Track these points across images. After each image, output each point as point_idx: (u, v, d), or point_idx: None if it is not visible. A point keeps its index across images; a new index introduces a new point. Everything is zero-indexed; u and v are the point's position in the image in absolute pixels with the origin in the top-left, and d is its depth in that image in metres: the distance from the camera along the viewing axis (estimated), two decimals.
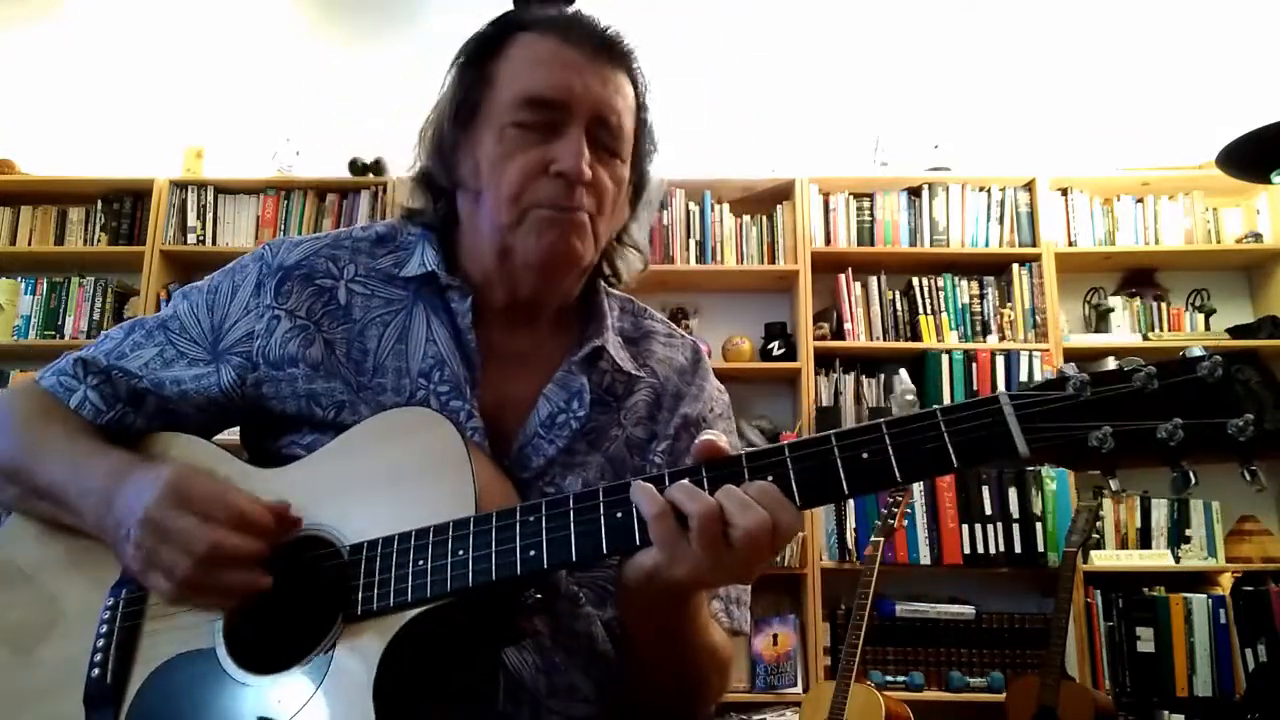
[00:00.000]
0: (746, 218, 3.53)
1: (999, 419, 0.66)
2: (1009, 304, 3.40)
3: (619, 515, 0.73)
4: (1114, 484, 0.67)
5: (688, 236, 3.50)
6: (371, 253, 1.00)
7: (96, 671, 0.84)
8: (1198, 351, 0.63)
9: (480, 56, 0.97)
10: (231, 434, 1.02)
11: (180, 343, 0.97)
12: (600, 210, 0.94)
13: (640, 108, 1.00)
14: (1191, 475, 0.63)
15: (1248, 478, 0.62)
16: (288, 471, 0.89)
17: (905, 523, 3.01)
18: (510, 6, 0.99)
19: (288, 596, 0.81)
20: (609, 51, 0.96)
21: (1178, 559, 3.17)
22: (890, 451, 0.68)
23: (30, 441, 0.92)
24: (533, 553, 0.74)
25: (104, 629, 0.86)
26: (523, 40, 0.95)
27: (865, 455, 0.69)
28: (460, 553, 0.76)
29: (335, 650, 0.77)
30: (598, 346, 0.98)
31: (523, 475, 0.92)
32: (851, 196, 3.52)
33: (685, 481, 0.72)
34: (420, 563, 0.76)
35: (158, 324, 0.98)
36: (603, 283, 1.06)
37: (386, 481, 0.83)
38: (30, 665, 0.88)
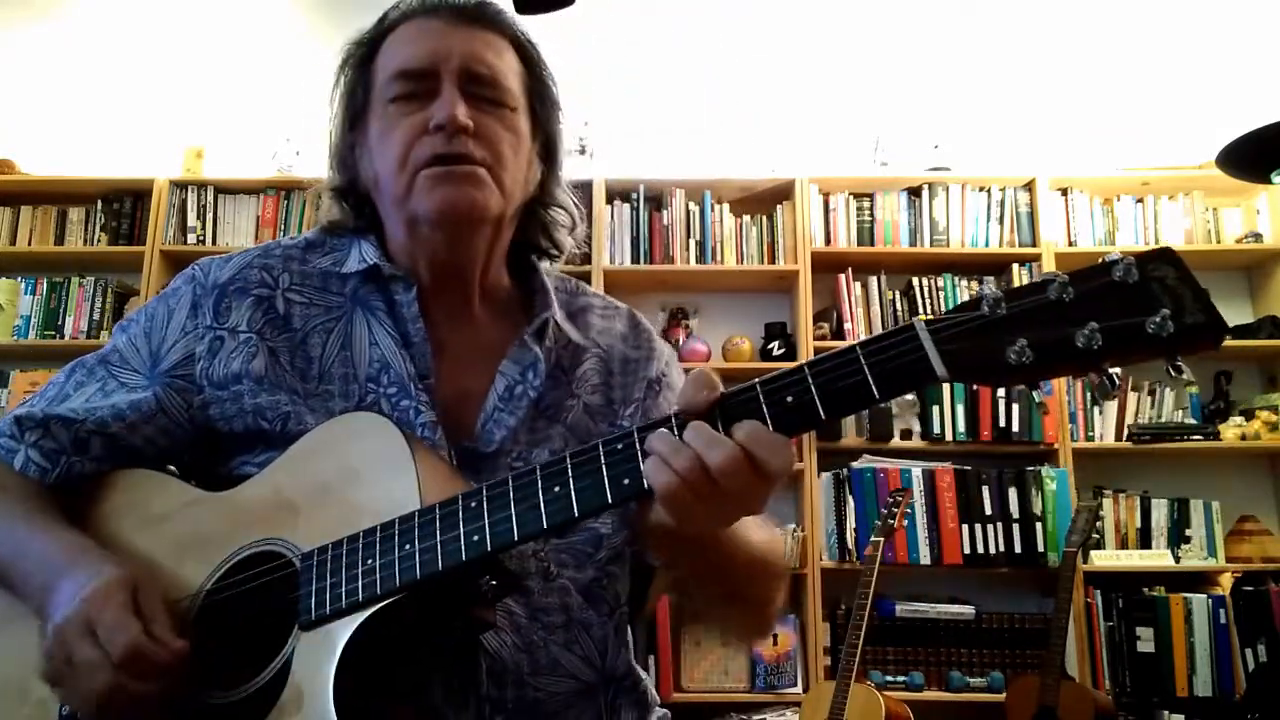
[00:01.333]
0: (746, 218, 3.53)
1: (915, 344, 0.65)
2: None
3: (557, 489, 0.73)
4: (1037, 394, 0.67)
5: (688, 236, 3.50)
6: (303, 259, 1.00)
7: (66, 709, 0.84)
8: (1114, 255, 0.62)
9: (361, 59, 1.00)
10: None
11: (121, 374, 0.96)
12: (498, 159, 0.94)
13: (530, 64, 1.01)
14: (1115, 378, 0.62)
15: (1173, 373, 0.61)
16: (239, 491, 0.89)
17: (905, 523, 3.01)
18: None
19: (246, 615, 0.81)
20: (475, 16, 0.98)
21: (1178, 559, 3.17)
22: (814, 391, 0.68)
23: None
24: (475, 537, 0.74)
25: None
26: (395, 32, 0.99)
27: (789, 399, 0.69)
28: (407, 546, 0.75)
29: (292, 659, 0.77)
30: (546, 319, 1.00)
31: (487, 451, 0.92)
32: (851, 196, 3.52)
33: (665, 434, 0.71)
34: (369, 561, 0.76)
35: (98, 360, 0.98)
36: (539, 261, 1.07)
37: (335, 488, 0.83)
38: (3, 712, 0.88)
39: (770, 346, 3.41)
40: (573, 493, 0.73)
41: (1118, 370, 0.63)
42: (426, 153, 0.91)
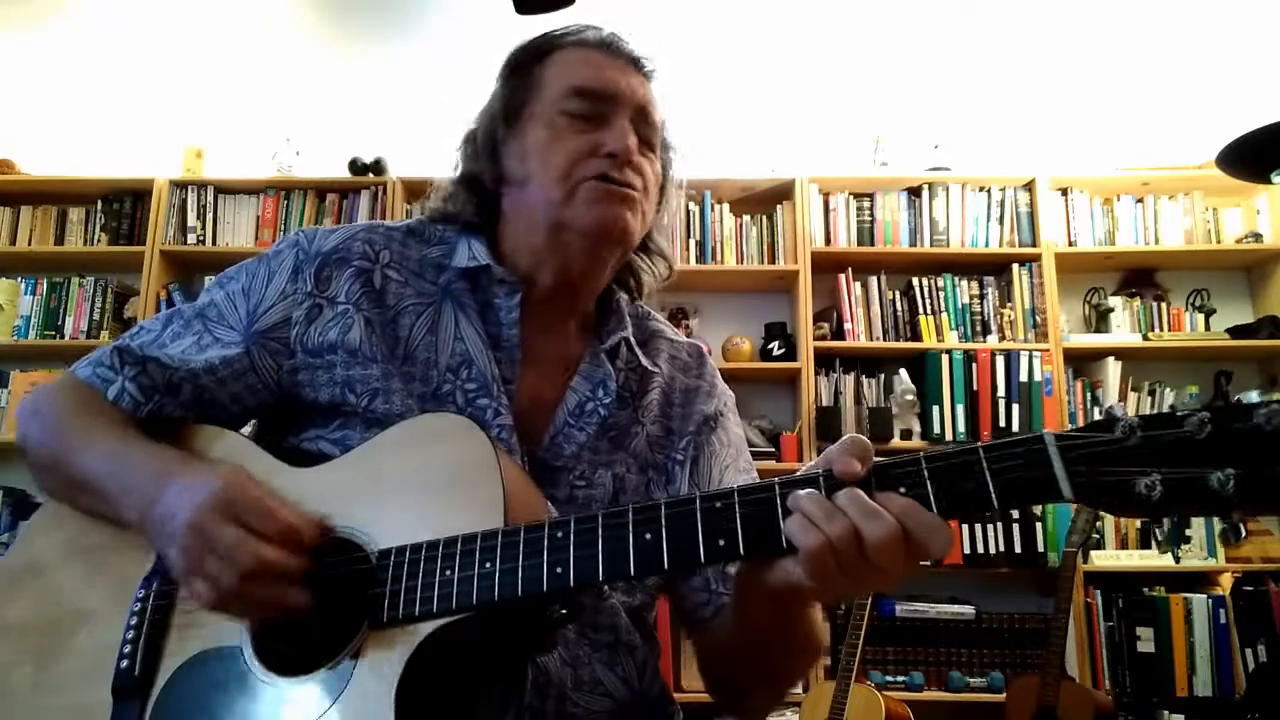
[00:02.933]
0: (746, 218, 3.53)
1: (1044, 460, 0.64)
2: (1009, 304, 3.40)
3: (648, 537, 0.72)
4: (1159, 532, 0.65)
5: (688, 236, 3.50)
6: (404, 242, 1.02)
7: (125, 663, 0.84)
8: (1254, 397, 0.61)
9: (526, 64, 1.02)
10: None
11: (217, 329, 0.97)
12: (647, 195, 0.99)
13: (663, 123, 1.06)
14: (1242, 528, 0.61)
15: None
16: (320, 472, 0.89)
17: None
18: (510, 9, 1.01)
19: (315, 598, 0.81)
20: (646, 69, 1.04)
21: (1178, 559, 3.17)
22: (929, 488, 0.67)
23: (70, 434, 0.92)
24: (559, 570, 0.73)
25: (134, 620, 0.86)
26: (566, 50, 1.02)
27: (902, 490, 0.67)
28: (487, 565, 0.75)
29: (359, 656, 0.77)
30: (621, 338, 1.03)
31: (555, 464, 0.95)
32: (851, 196, 3.52)
33: (816, 494, 0.68)
34: (447, 572, 0.76)
35: (195, 313, 1.00)
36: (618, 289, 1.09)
37: (417, 487, 0.83)
38: (61, 654, 0.88)
39: (770, 346, 3.41)
40: (664, 542, 0.72)
41: (1244, 519, 0.61)
42: (593, 171, 0.95)
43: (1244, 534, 0.61)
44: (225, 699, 0.79)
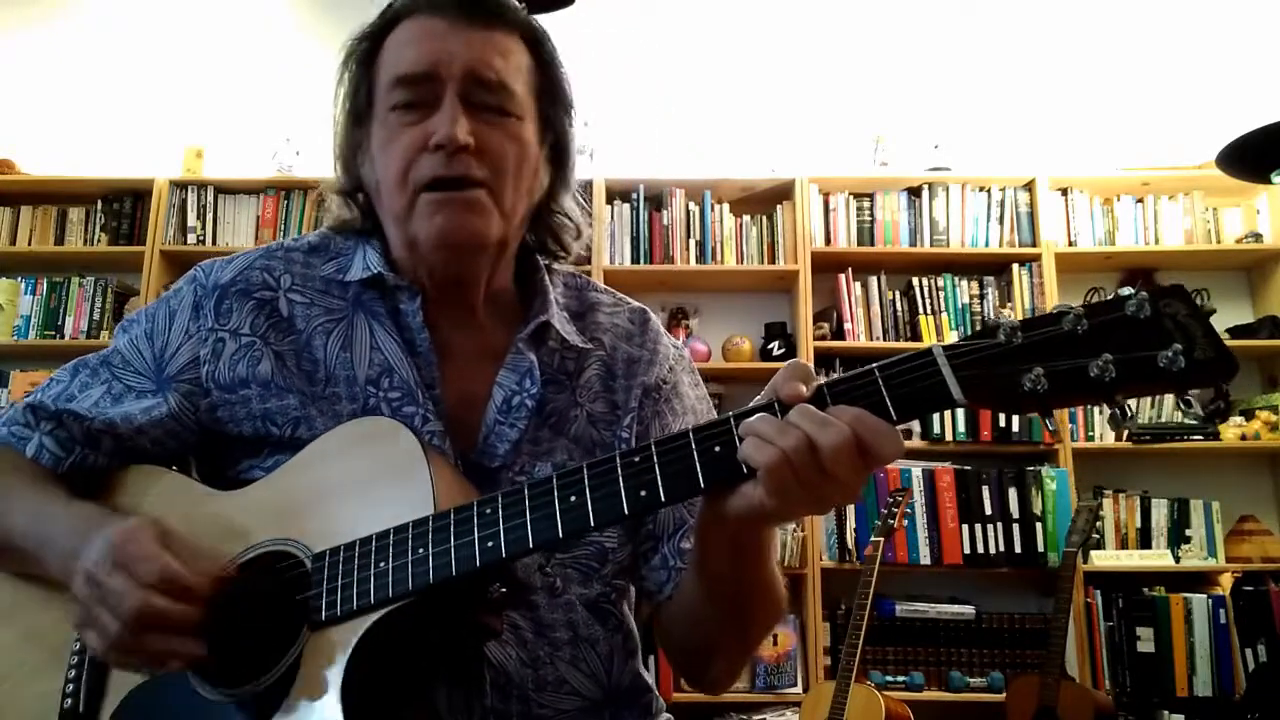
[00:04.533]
0: (746, 218, 3.53)
1: (933, 369, 0.67)
2: (1009, 304, 3.40)
3: (573, 499, 0.73)
4: (1050, 423, 0.67)
5: (688, 236, 3.49)
6: (306, 262, 0.98)
7: (69, 702, 0.84)
8: (1126, 291, 0.64)
9: (365, 54, 0.96)
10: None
11: (126, 377, 0.95)
12: (499, 176, 0.90)
13: (542, 64, 0.96)
14: (1128, 409, 0.64)
15: (1183, 406, 0.63)
16: (250, 490, 0.89)
17: (905, 523, 3.01)
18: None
19: (254, 611, 0.81)
20: (482, 11, 0.92)
21: (1178, 559, 3.17)
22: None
23: None
24: (490, 544, 0.74)
25: (74, 660, 0.86)
26: (398, 27, 0.94)
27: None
28: (420, 550, 0.75)
29: (302, 658, 0.77)
30: (543, 323, 0.97)
31: (491, 465, 0.91)
32: (851, 196, 3.52)
33: (767, 415, 0.70)
34: (381, 564, 0.76)
35: (100, 362, 0.97)
36: (543, 260, 1.04)
37: (347, 491, 0.83)
38: (6, 705, 0.88)
39: (770, 346, 3.41)
40: (589, 504, 0.73)
41: (1131, 402, 0.64)
42: (426, 173, 0.88)
43: (1130, 414, 0.62)
44: None
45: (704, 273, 3.49)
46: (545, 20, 1.01)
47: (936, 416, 3.28)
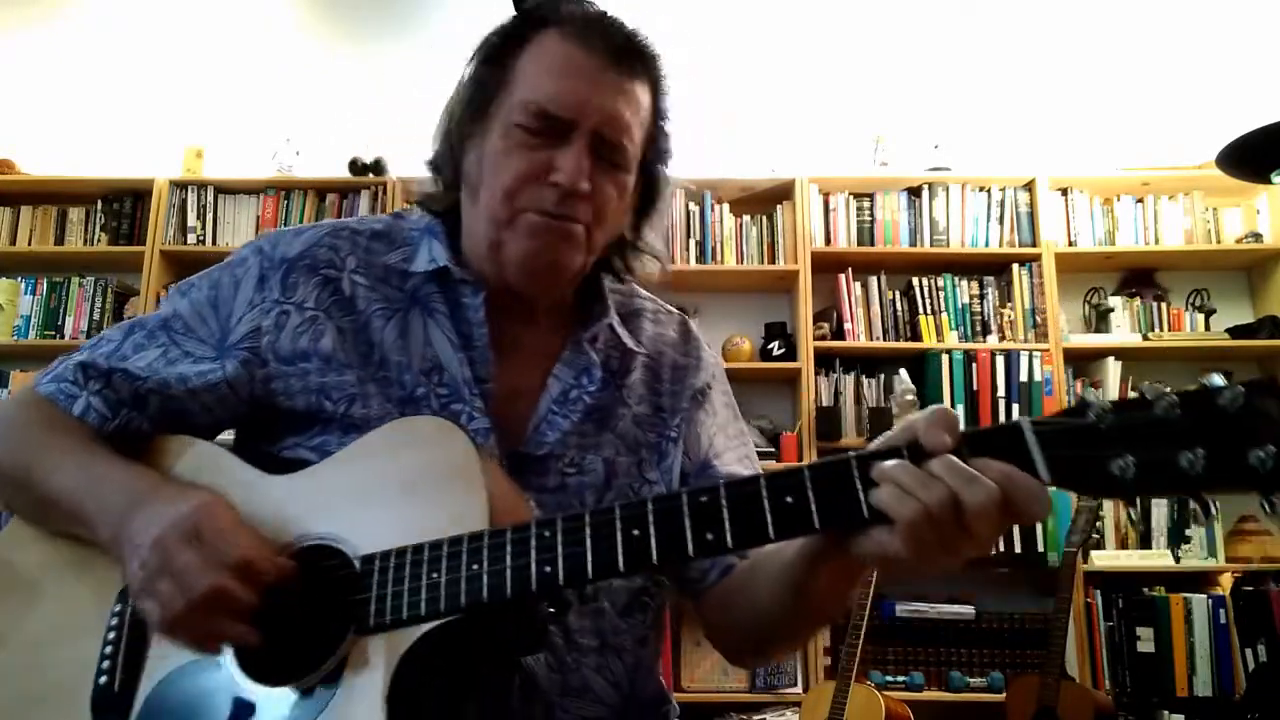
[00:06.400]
0: (746, 218, 3.53)
1: (1021, 446, 0.65)
2: (1009, 304, 3.40)
3: (635, 533, 0.72)
4: (1134, 512, 0.66)
5: (688, 236, 3.50)
6: (369, 248, 0.99)
7: (104, 679, 0.83)
8: (1218, 380, 0.62)
9: (501, 52, 0.96)
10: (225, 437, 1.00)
11: (185, 342, 0.95)
12: (599, 222, 0.94)
13: (657, 114, 0.99)
14: (1212, 505, 0.63)
15: (1267, 509, 0.61)
16: (298, 478, 0.87)
17: None
18: (510, 9, 0.98)
19: (298, 607, 0.80)
20: (628, 58, 0.94)
21: (1178, 559, 3.17)
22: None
23: (39, 451, 0.90)
24: (548, 569, 0.73)
25: (111, 635, 0.85)
26: (543, 40, 0.94)
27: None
28: (474, 566, 0.74)
29: (346, 663, 0.76)
30: (605, 324, 1.00)
31: (539, 453, 0.93)
32: (851, 196, 3.52)
33: (905, 464, 0.67)
34: (434, 575, 0.75)
35: (159, 324, 0.96)
36: (606, 276, 1.05)
37: (398, 492, 0.81)
38: (37, 670, 0.87)
39: (770, 346, 3.41)
40: (652, 539, 0.72)
41: (1214, 498, 0.63)
42: (537, 202, 0.91)
43: (1213, 511, 0.62)
44: (208, 713, 0.78)
45: (704, 273, 3.49)
46: None
47: None
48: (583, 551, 0.73)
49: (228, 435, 1.00)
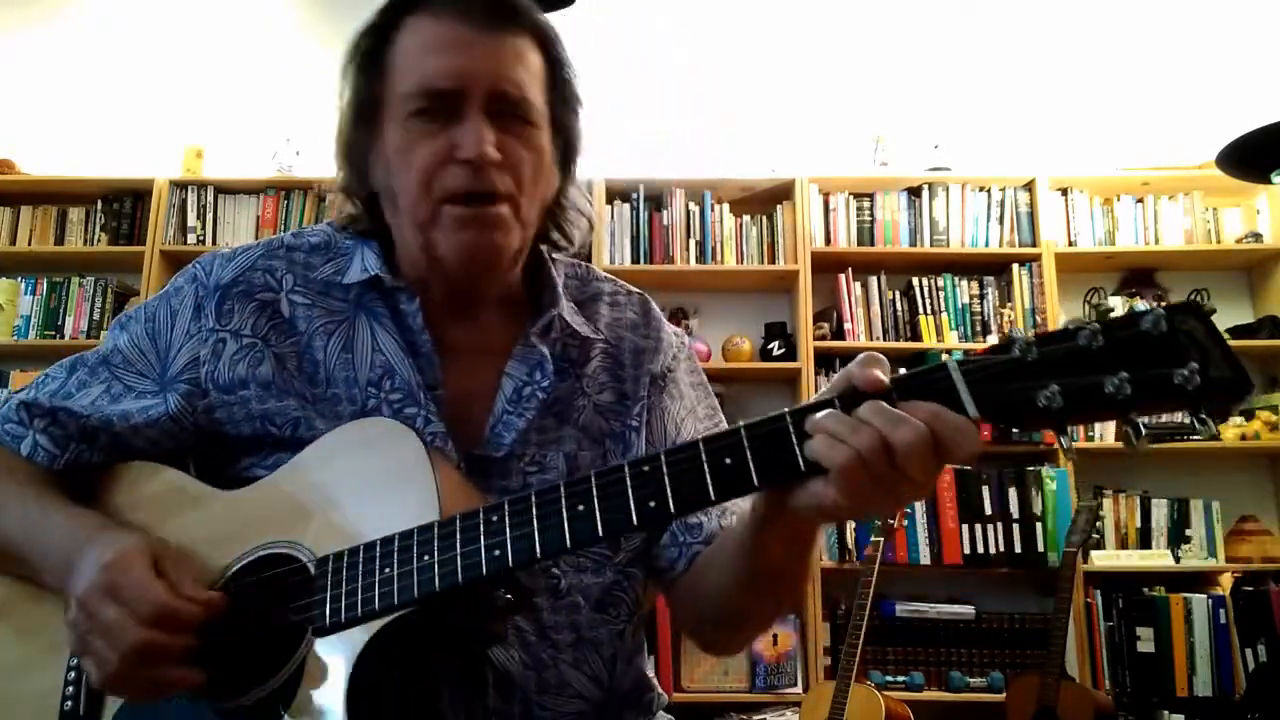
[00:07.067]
0: (746, 218, 3.53)
1: (947, 382, 0.66)
2: (1009, 304, 3.40)
3: (581, 508, 0.72)
4: (1064, 441, 0.66)
5: (688, 236, 3.49)
6: (307, 263, 0.97)
7: (69, 705, 0.84)
8: (1142, 306, 0.63)
9: (373, 49, 0.94)
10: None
11: (125, 377, 0.94)
12: (520, 187, 0.91)
13: (554, 64, 0.96)
14: (1141, 426, 0.63)
15: (1198, 425, 0.61)
16: (250, 490, 0.88)
17: (905, 523, 3.02)
18: None
19: (256, 618, 0.80)
20: (501, 15, 0.91)
21: (1178, 559, 3.17)
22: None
23: None
24: (497, 552, 0.73)
25: (74, 661, 0.86)
26: (412, 24, 0.92)
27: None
28: (426, 558, 0.74)
29: (305, 665, 0.77)
30: (554, 315, 0.97)
31: (498, 455, 0.91)
32: (851, 196, 3.52)
33: (836, 412, 0.67)
34: (386, 570, 0.75)
35: (99, 360, 0.96)
36: (547, 249, 1.03)
37: (350, 494, 0.82)
38: (4, 701, 0.87)
39: (770, 346, 3.41)
40: (597, 512, 0.72)
41: (1145, 419, 0.63)
42: (452, 186, 0.88)
43: (1143, 432, 0.60)
44: None
45: (704, 273, 3.49)
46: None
47: None
48: (530, 532, 0.73)
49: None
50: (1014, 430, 2.99)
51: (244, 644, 0.80)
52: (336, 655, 0.75)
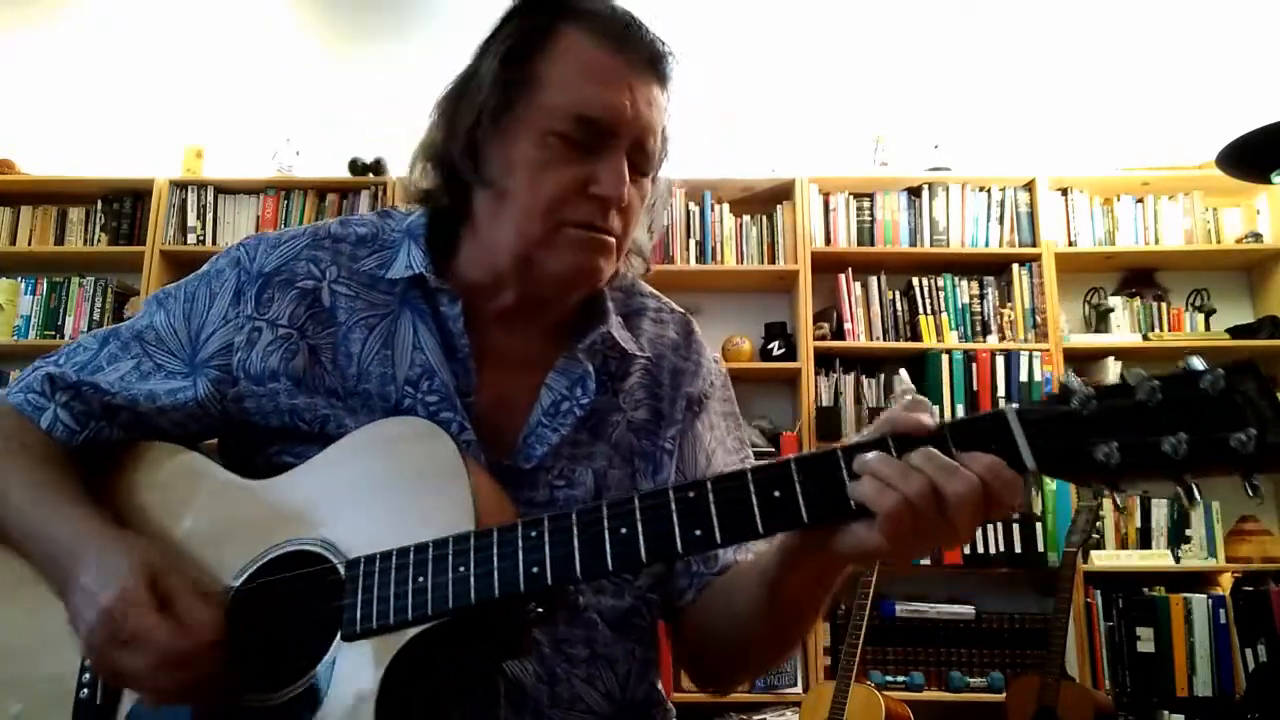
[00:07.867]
0: (746, 218, 3.53)
1: (1006, 434, 0.65)
2: (1009, 304, 3.40)
3: (623, 531, 0.71)
4: (1119, 498, 0.65)
5: (688, 236, 3.50)
6: (353, 254, 0.95)
7: (85, 693, 0.82)
8: (1198, 364, 0.62)
9: (523, 50, 0.90)
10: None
11: (157, 355, 0.93)
12: (627, 230, 0.92)
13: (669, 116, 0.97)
14: (1195, 490, 0.62)
15: (1249, 491, 0.61)
16: (278, 482, 0.86)
17: None
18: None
19: (283, 613, 0.79)
20: (657, 62, 0.92)
21: (1178, 559, 3.17)
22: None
23: None
24: (535, 569, 0.72)
25: None
26: (573, 40, 0.89)
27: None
28: (461, 569, 0.73)
29: (335, 669, 0.75)
30: (604, 332, 0.95)
31: (527, 466, 0.90)
32: (851, 196, 3.52)
33: (886, 456, 0.66)
34: (420, 579, 0.74)
35: (133, 335, 0.95)
36: None
37: (381, 494, 0.81)
38: (14, 686, 0.86)
39: (770, 346, 3.41)
40: (640, 537, 0.71)
41: (1197, 482, 0.63)
42: (578, 217, 0.88)
43: (1197, 497, 0.61)
44: None
45: (704, 273, 3.49)
46: None
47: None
48: (570, 551, 0.72)
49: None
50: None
51: (268, 643, 0.79)
52: (367, 662, 0.74)
